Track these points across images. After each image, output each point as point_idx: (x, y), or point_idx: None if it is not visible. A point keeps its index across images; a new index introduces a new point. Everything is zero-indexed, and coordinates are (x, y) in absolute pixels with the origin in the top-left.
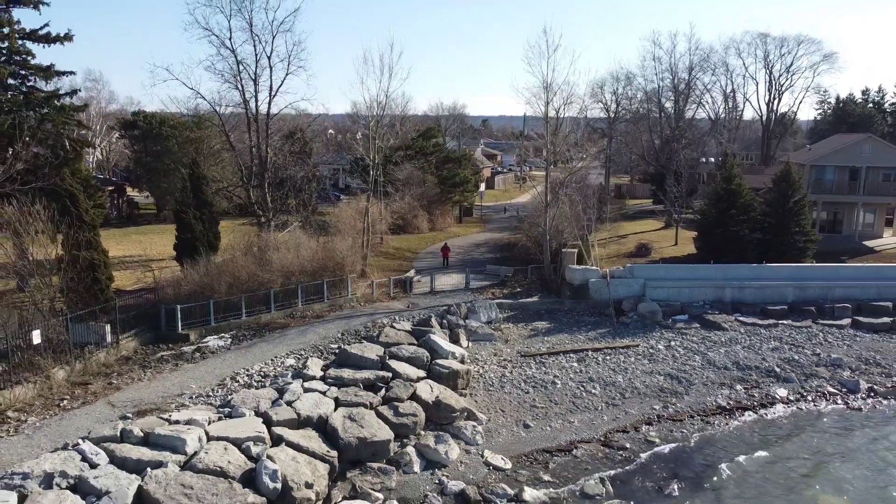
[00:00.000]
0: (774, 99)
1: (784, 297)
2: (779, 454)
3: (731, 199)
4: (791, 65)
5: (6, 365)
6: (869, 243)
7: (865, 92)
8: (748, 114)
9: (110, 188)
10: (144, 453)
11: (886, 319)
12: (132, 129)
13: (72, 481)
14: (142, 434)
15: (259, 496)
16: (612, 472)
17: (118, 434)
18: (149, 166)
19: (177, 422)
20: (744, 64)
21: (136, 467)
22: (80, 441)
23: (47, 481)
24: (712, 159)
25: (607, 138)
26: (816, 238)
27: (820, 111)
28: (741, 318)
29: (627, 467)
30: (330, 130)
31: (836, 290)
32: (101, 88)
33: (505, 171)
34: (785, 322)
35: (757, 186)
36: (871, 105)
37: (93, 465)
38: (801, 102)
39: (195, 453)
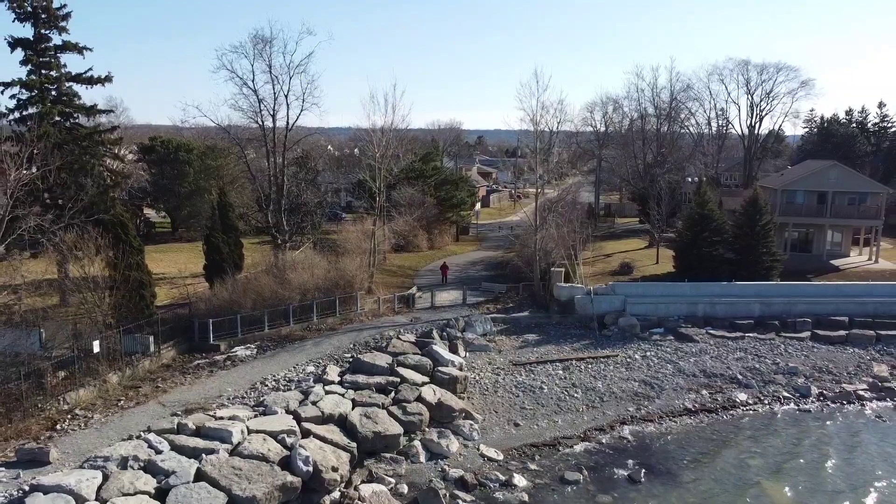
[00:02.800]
0: (756, 123)
1: (751, 312)
2: (734, 448)
3: (705, 222)
4: (771, 90)
5: (69, 370)
6: (836, 262)
7: (849, 112)
8: (735, 131)
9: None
10: (199, 442)
11: (842, 332)
12: (150, 154)
13: (143, 463)
14: (194, 427)
15: (295, 476)
16: (589, 463)
17: (175, 427)
18: (165, 188)
19: (221, 418)
20: (726, 89)
21: (193, 453)
22: (141, 433)
23: (123, 463)
24: (697, 178)
25: (597, 159)
26: (782, 258)
27: (807, 129)
28: (711, 332)
29: (602, 459)
30: (329, 147)
31: (799, 306)
32: (121, 113)
33: (499, 189)
34: (751, 335)
35: (735, 208)
36: (854, 125)
37: (158, 452)
38: (780, 126)
39: (239, 443)
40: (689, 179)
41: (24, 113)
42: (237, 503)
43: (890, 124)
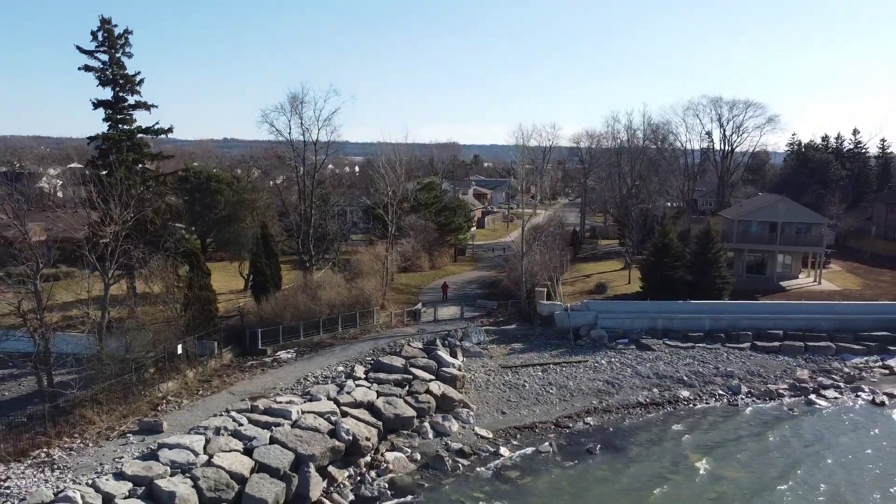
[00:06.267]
0: (728, 154)
1: (702, 326)
2: (673, 432)
3: (666, 249)
4: (741, 125)
5: (158, 367)
6: (784, 283)
7: (825, 139)
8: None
9: None
10: (268, 419)
11: (776, 343)
12: (184, 183)
13: (231, 432)
14: (263, 408)
15: (340, 443)
16: (559, 441)
17: (249, 408)
18: (198, 215)
19: (281, 402)
20: (700, 123)
21: (265, 425)
22: (223, 413)
23: (217, 431)
24: (676, 205)
25: (582, 187)
26: (731, 280)
27: (789, 153)
28: (667, 342)
29: (569, 438)
30: (330, 165)
31: (743, 321)
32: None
33: (494, 211)
34: (700, 345)
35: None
36: (829, 151)
37: (240, 424)
38: (749, 158)
39: (297, 419)
40: (669, 204)
41: (106, 161)
42: (301, 459)
43: (863, 150)
